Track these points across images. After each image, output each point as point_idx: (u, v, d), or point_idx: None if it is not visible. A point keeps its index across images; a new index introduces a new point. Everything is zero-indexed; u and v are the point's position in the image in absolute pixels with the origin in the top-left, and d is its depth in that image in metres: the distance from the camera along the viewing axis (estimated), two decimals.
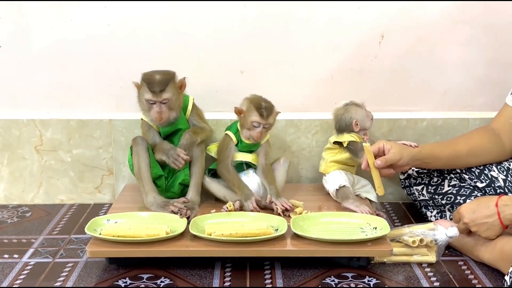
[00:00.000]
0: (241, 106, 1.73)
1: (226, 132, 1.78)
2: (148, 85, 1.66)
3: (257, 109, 1.69)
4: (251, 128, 1.71)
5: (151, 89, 1.66)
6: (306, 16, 1.91)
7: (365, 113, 1.81)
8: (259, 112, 1.69)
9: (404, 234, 1.59)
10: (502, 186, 1.67)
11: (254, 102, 1.71)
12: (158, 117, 1.67)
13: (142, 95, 1.68)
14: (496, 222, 1.49)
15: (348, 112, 1.78)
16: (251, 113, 1.70)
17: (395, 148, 1.63)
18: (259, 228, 1.51)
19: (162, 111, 1.67)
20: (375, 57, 1.95)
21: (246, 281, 1.47)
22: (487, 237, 1.51)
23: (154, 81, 1.66)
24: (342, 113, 1.79)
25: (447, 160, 1.70)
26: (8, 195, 1.99)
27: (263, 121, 1.70)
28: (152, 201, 1.69)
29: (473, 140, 1.71)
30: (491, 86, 1.99)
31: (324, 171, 1.84)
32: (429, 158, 1.67)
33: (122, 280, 1.47)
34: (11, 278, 1.48)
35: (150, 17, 1.89)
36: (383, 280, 1.48)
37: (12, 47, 1.91)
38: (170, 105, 1.68)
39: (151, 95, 1.66)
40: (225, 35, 1.91)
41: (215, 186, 1.77)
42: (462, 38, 1.94)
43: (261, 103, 1.71)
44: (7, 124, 1.94)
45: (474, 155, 1.70)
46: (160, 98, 1.66)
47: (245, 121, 1.72)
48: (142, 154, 1.72)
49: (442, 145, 1.73)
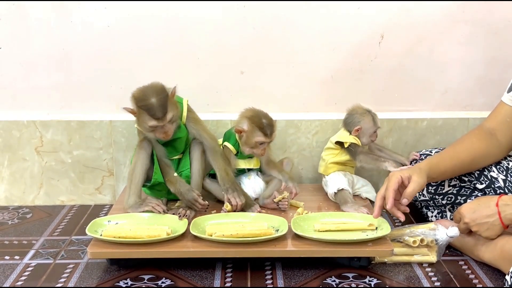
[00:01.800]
0: (241, 125, 1.69)
1: (225, 144, 1.75)
2: (148, 112, 1.59)
3: (260, 129, 1.66)
4: (256, 147, 1.69)
5: (154, 117, 1.59)
6: (306, 16, 1.91)
7: (372, 131, 1.79)
8: (263, 132, 1.66)
9: (405, 234, 1.59)
10: (502, 187, 1.67)
11: (256, 121, 1.66)
12: (166, 136, 1.64)
13: (145, 122, 1.61)
14: (497, 222, 1.49)
15: (362, 117, 1.78)
16: (255, 134, 1.66)
17: (416, 177, 1.53)
18: (260, 228, 1.52)
19: (168, 129, 1.62)
20: (375, 57, 1.95)
21: (247, 281, 1.47)
22: (487, 237, 1.51)
23: (153, 107, 1.58)
24: (357, 113, 1.79)
25: (452, 173, 1.69)
26: (8, 196, 1.99)
27: (268, 139, 1.68)
28: (131, 203, 1.67)
29: (474, 147, 1.67)
30: (491, 85, 1.99)
31: (324, 172, 1.84)
32: (436, 175, 1.64)
33: (123, 281, 1.47)
34: (12, 280, 1.49)
35: (150, 18, 1.89)
36: (384, 280, 1.48)
37: (12, 48, 1.91)
38: (173, 120, 1.63)
39: (156, 122, 1.60)
40: (225, 35, 1.91)
41: (215, 188, 1.76)
42: (462, 38, 1.94)
43: (262, 121, 1.66)
44: (7, 125, 1.94)
45: (477, 163, 1.68)
46: (165, 121, 1.60)
47: (248, 141, 1.68)
48: (142, 160, 1.69)
49: (447, 159, 1.67)
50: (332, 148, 1.83)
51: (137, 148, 1.71)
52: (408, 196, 1.50)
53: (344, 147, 1.79)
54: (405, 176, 1.53)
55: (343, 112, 1.84)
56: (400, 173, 1.53)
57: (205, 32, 1.91)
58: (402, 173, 1.54)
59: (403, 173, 1.54)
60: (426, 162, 1.63)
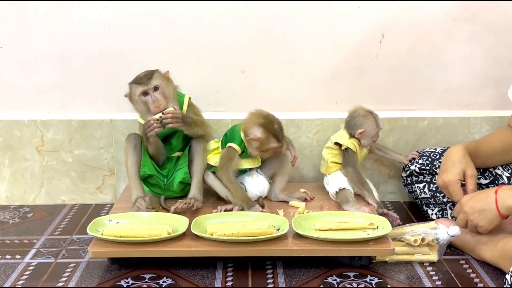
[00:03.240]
0: (255, 132, 1.69)
1: (230, 145, 1.74)
2: (135, 81, 1.70)
3: (275, 137, 1.69)
4: (267, 151, 1.71)
5: (139, 82, 1.69)
6: (306, 15, 1.90)
7: (374, 133, 1.79)
8: (277, 139, 1.69)
9: (406, 233, 1.59)
10: (506, 183, 1.67)
11: (270, 129, 1.69)
12: (156, 105, 1.68)
13: (134, 94, 1.70)
14: (493, 210, 1.46)
15: (365, 119, 1.77)
16: (270, 141, 1.69)
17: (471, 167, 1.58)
18: (260, 228, 1.52)
19: (157, 99, 1.68)
20: (375, 56, 1.95)
21: (248, 280, 1.47)
22: (484, 228, 1.50)
23: (140, 76, 1.70)
24: (360, 115, 1.77)
25: (483, 160, 1.67)
26: (9, 195, 1.99)
27: (281, 143, 1.71)
28: (134, 198, 1.70)
29: (504, 136, 1.68)
30: (492, 84, 1.99)
31: (326, 172, 1.84)
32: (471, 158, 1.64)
33: (124, 280, 1.47)
34: (14, 279, 1.49)
35: (150, 17, 1.89)
36: (385, 279, 1.48)
37: (13, 47, 1.91)
38: (163, 93, 1.69)
39: (141, 86, 1.68)
40: (225, 34, 1.91)
41: (218, 185, 1.76)
42: (463, 37, 1.94)
43: (275, 127, 1.69)
44: (8, 124, 1.94)
45: (507, 151, 1.67)
46: (151, 85, 1.68)
47: (261, 147, 1.70)
48: (129, 152, 1.74)
49: (481, 144, 1.67)
50: (331, 148, 1.83)
51: (125, 143, 1.76)
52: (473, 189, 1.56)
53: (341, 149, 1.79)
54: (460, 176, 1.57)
55: (344, 111, 1.84)
56: (457, 177, 1.56)
57: (206, 31, 1.91)
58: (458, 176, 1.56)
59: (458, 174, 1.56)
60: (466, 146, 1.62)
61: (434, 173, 1.80)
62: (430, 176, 1.81)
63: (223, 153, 1.75)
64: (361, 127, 1.76)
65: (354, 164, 1.77)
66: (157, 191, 1.79)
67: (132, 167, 1.73)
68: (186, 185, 1.76)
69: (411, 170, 1.83)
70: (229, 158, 1.73)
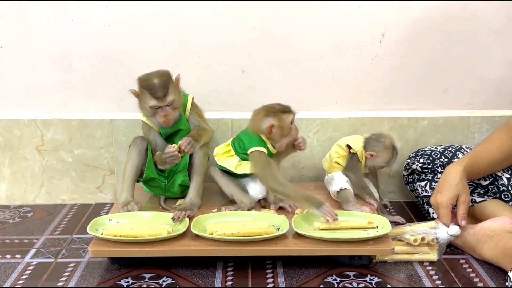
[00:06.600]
0: (267, 124, 1.66)
1: (256, 149, 1.67)
2: (150, 91, 1.64)
3: (284, 112, 1.67)
4: (290, 131, 1.69)
5: (155, 96, 1.63)
6: (306, 15, 1.90)
7: (380, 166, 1.79)
8: (287, 111, 1.67)
9: (406, 233, 1.59)
10: (506, 184, 1.67)
11: (276, 109, 1.67)
12: (166, 120, 1.66)
13: (145, 102, 1.66)
14: None
15: (384, 151, 1.74)
16: (284, 118, 1.66)
17: (465, 193, 1.59)
18: (260, 227, 1.52)
19: (168, 113, 1.66)
20: (375, 56, 1.95)
21: (248, 280, 1.47)
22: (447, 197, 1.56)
23: (155, 86, 1.63)
24: (383, 143, 1.75)
25: (485, 173, 1.69)
26: (10, 195, 1.99)
27: (293, 113, 1.69)
28: (123, 201, 1.69)
29: (505, 144, 1.66)
30: (492, 84, 1.99)
31: (328, 170, 1.84)
32: (470, 176, 1.64)
33: (124, 279, 1.47)
34: (14, 278, 1.49)
35: (150, 17, 1.89)
36: (384, 278, 1.48)
37: (13, 47, 1.91)
38: (174, 106, 1.67)
39: (156, 101, 1.64)
40: (226, 34, 1.91)
41: (224, 182, 1.74)
42: (463, 36, 1.94)
43: (277, 106, 1.68)
44: (8, 124, 1.94)
45: (508, 159, 1.67)
46: (166, 103, 1.64)
47: (282, 131, 1.66)
48: (133, 155, 1.72)
49: (481, 159, 1.66)
50: (341, 148, 1.81)
51: (131, 144, 1.74)
52: (463, 218, 1.58)
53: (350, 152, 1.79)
54: (453, 201, 1.58)
55: (344, 111, 1.84)
56: (450, 202, 1.58)
57: (206, 30, 1.91)
58: (451, 200, 1.58)
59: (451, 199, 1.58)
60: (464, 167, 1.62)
61: (435, 172, 1.80)
62: (432, 175, 1.81)
63: (256, 161, 1.67)
64: (376, 152, 1.75)
65: (357, 170, 1.78)
66: (157, 192, 1.80)
67: (131, 170, 1.72)
68: (186, 187, 1.76)
69: (412, 169, 1.83)
70: (265, 163, 1.66)
